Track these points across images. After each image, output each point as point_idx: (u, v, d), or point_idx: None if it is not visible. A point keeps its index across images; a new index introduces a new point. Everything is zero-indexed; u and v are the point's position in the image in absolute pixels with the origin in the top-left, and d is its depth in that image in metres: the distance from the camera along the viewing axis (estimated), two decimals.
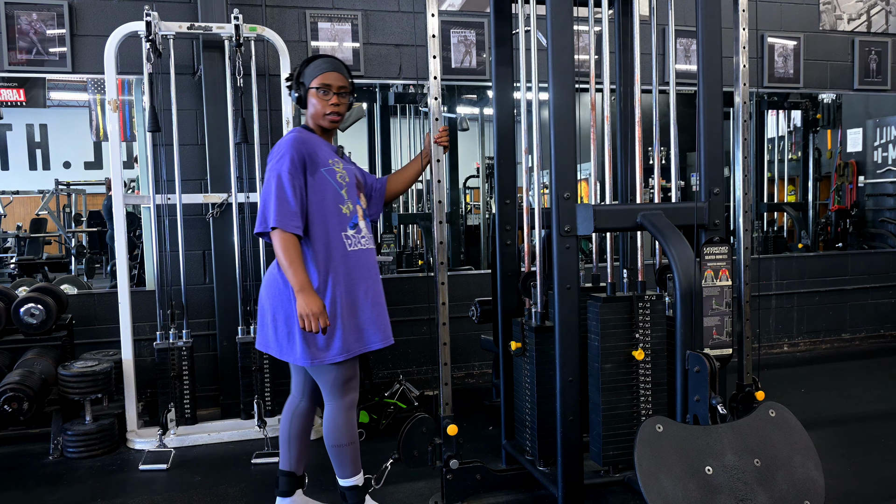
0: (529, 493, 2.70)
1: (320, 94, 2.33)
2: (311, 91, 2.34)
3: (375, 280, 2.36)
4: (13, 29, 3.63)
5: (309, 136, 2.33)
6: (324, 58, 2.39)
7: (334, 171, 2.30)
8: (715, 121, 2.41)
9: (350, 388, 2.33)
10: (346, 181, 2.33)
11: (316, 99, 2.34)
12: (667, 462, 1.87)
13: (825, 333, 5.21)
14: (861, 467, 2.92)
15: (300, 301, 2.16)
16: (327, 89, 2.33)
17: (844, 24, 5.09)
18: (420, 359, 4.31)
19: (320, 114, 2.35)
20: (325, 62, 2.36)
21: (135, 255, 5.38)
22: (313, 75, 2.34)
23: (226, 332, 3.72)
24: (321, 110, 2.34)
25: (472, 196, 6.80)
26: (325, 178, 2.28)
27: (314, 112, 2.36)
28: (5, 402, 3.01)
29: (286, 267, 2.18)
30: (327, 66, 2.34)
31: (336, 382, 2.30)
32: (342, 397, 2.32)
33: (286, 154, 2.23)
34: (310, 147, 2.28)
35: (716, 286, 2.41)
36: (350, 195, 2.33)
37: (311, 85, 2.34)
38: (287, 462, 2.46)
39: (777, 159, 6.14)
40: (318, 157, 2.28)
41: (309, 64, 2.37)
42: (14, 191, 8.15)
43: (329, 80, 2.33)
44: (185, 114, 3.76)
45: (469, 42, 4.28)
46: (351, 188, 2.34)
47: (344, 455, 2.36)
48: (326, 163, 2.30)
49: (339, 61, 2.39)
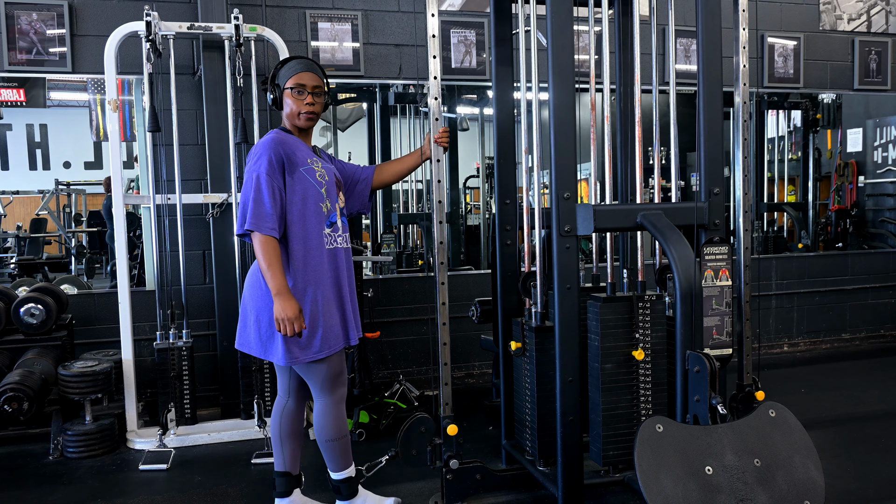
0: (529, 493, 2.70)
1: (295, 94, 2.35)
2: (286, 91, 2.36)
3: (351, 277, 2.41)
4: (13, 29, 3.63)
5: (287, 137, 2.35)
6: (297, 59, 2.41)
7: (314, 171, 2.33)
8: (715, 121, 2.41)
9: (339, 383, 2.36)
10: (326, 180, 2.35)
11: (291, 99, 2.36)
12: (667, 462, 1.87)
13: (825, 333, 5.21)
14: (861, 467, 2.92)
15: (277, 305, 2.18)
16: (302, 89, 2.35)
17: (844, 24, 5.09)
18: (420, 359, 4.31)
19: (295, 113, 2.37)
20: (298, 63, 2.38)
21: (135, 255, 5.38)
22: (287, 76, 2.36)
23: (226, 332, 3.71)
24: (296, 110, 2.36)
25: (472, 196, 6.79)
26: (304, 177, 2.30)
27: (290, 112, 2.38)
28: (5, 402, 3.02)
29: (264, 269, 2.20)
30: (301, 67, 2.37)
31: (324, 379, 2.33)
32: (331, 393, 2.35)
33: (263, 155, 2.25)
34: (288, 147, 2.30)
35: (716, 286, 2.41)
36: (329, 194, 2.35)
37: (285, 86, 2.36)
38: (281, 463, 2.47)
39: (777, 159, 6.14)
40: (297, 157, 2.31)
41: (283, 66, 2.39)
42: (14, 191, 8.14)
43: (303, 80, 2.35)
44: (185, 114, 3.76)
45: (469, 42, 4.28)
46: (330, 187, 2.37)
47: (335, 449, 2.40)
48: (305, 162, 2.32)
49: (312, 61, 2.42)
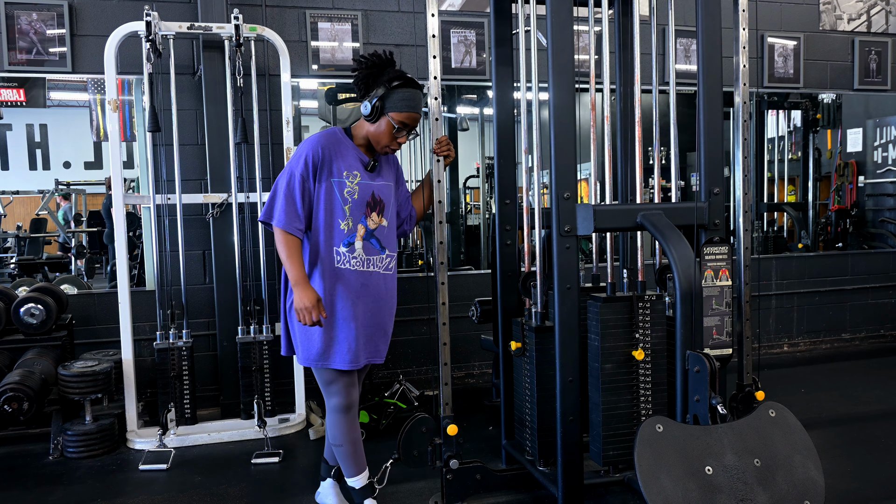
0: (529, 493, 2.70)
1: (395, 130, 2.29)
2: (388, 118, 2.28)
3: (360, 301, 2.32)
4: (13, 29, 3.63)
5: (338, 141, 2.31)
6: (413, 90, 2.30)
7: (344, 185, 2.27)
8: (715, 121, 2.41)
9: (330, 392, 2.35)
10: (355, 197, 2.28)
11: (387, 129, 2.29)
12: (667, 462, 1.86)
13: (825, 333, 5.21)
14: (861, 467, 2.92)
15: (296, 295, 2.20)
16: (403, 127, 2.30)
17: (844, 24, 5.09)
18: (420, 359, 4.31)
19: (382, 143, 2.32)
20: (413, 98, 2.29)
21: (135, 255, 5.38)
22: (398, 108, 2.27)
23: (226, 332, 3.72)
24: (385, 142, 2.31)
25: (472, 196, 6.79)
26: (331, 189, 2.26)
27: (377, 135, 2.31)
28: (5, 402, 3.02)
29: (284, 260, 2.23)
30: (414, 106, 2.29)
31: (321, 384, 2.36)
32: (327, 399, 2.37)
33: (304, 154, 2.25)
34: (331, 152, 2.27)
35: (716, 286, 2.41)
36: (354, 212, 2.29)
37: (391, 115, 2.28)
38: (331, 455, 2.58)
39: (777, 159, 6.14)
40: (336, 165, 2.27)
41: (399, 88, 2.28)
42: (14, 191, 8.14)
43: (409, 122, 2.30)
44: (185, 114, 3.76)
45: (469, 42, 4.28)
46: (359, 205, 2.29)
47: (340, 455, 2.41)
48: (341, 174, 2.27)
49: (422, 98, 2.34)
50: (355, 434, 2.39)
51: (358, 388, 2.40)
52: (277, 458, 3.15)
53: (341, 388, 2.33)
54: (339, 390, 2.33)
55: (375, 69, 2.32)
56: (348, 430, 2.36)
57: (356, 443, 2.39)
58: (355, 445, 2.39)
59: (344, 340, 2.29)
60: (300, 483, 2.88)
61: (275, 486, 2.88)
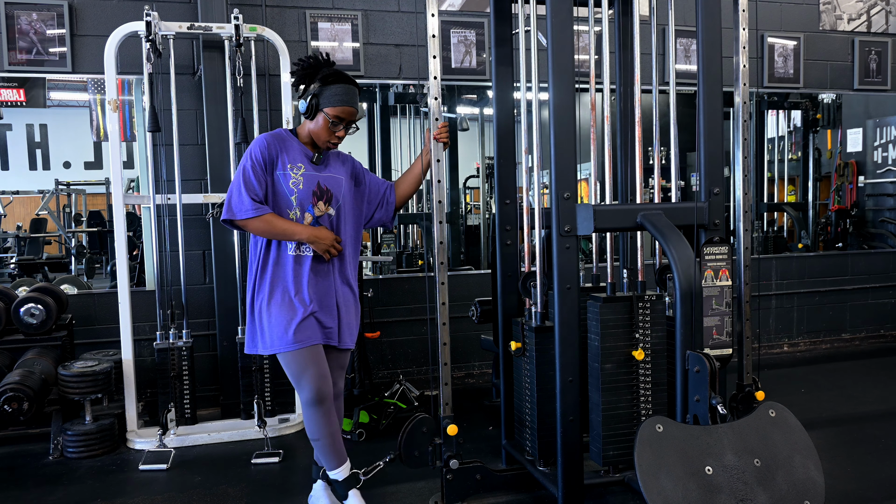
0: (529, 493, 2.70)
1: (330, 125, 2.36)
2: (323, 114, 2.35)
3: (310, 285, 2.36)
4: (13, 29, 3.63)
5: (283, 139, 2.39)
6: (345, 86, 2.37)
7: (289, 176, 2.35)
8: (715, 121, 2.41)
9: (301, 386, 2.34)
10: (300, 187, 2.35)
11: (324, 124, 2.36)
12: (667, 462, 1.87)
13: (825, 333, 5.21)
14: (861, 467, 2.92)
15: (313, 238, 2.30)
16: (339, 122, 2.37)
17: (844, 24, 5.09)
18: (420, 359, 4.31)
19: (322, 138, 2.39)
20: (346, 93, 2.36)
21: (135, 255, 5.37)
22: (332, 102, 2.34)
23: (226, 332, 3.72)
24: (325, 137, 2.38)
25: (472, 196, 6.79)
26: (278, 181, 2.35)
27: (316, 132, 2.39)
28: (5, 402, 3.01)
29: (282, 235, 2.30)
30: (347, 100, 2.36)
31: (292, 380, 2.37)
32: (299, 394, 2.37)
33: (252, 151, 2.34)
34: (277, 149, 2.35)
35: (716, 286, 2.41)
36: (301, 201, 2.36)
37: (325, 110, 2.35)
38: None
39: (777, 159, 6.14)
40: (281, 159, 2.35)
41: (330, 84, 2.35)
42: (14, 191, 8.14)
43: (344, 115, 2.37)
44: (185, 114, 3.76)
45: (469, 42, 4.28)
46: (305, 194, 2.36)
47: (318, 449, 2.42)
48: (286, 166, 2.35)
49: (356, 92, 2.40)
50: (332, 427, 2.39)
51: (330, 381, 2.38)
52: (277, 458, 3.15)
53: (310, 379, 2.32)
54: (308, 382, 2.32)
55: (312, 69, 2.39)
56: (324, 423, 2.36)
57: (334, 435, 2.39)
58: (333, 438, 2.39)
59: (295, 321, 2.32)
60: (300, 483, 2.88)
61: (275, 486, 2.88)
